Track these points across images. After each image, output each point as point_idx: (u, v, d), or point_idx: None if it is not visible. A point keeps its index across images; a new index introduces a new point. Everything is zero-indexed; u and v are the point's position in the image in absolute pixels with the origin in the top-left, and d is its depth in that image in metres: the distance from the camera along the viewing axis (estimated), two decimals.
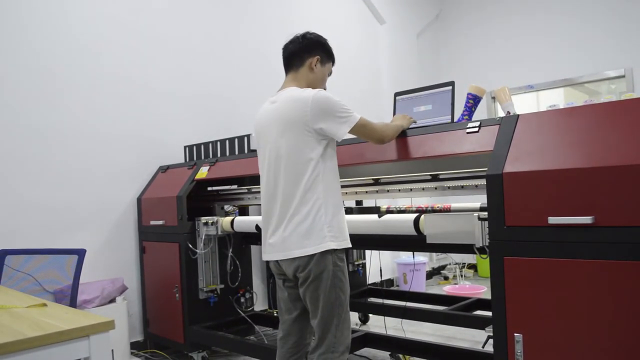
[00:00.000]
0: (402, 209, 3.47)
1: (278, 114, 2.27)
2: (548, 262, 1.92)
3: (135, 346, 3.90)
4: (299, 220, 2.17)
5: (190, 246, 3.55)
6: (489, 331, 2.16)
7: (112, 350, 3.33)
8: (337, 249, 2.19)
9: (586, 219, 1.81)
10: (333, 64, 2.46)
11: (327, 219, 2.17)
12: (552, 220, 1.89)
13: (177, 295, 3.59)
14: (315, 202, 2.17)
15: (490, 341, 2.13)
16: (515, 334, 2.00)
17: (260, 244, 4.09)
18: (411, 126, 2.62)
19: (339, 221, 2.23)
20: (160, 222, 3.73)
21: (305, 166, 2.18)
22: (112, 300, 3.54)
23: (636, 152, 1.76)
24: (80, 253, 2.72)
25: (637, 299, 1.74)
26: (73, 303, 2.65)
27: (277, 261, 2.29)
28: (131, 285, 3.91)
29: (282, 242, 2.21)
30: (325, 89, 2.32)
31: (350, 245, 2.28)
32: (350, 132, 2.24)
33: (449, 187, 2.54)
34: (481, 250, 2.25)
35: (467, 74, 6.56)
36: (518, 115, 2.20)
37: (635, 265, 1.74)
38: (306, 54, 2.35)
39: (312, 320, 2.25)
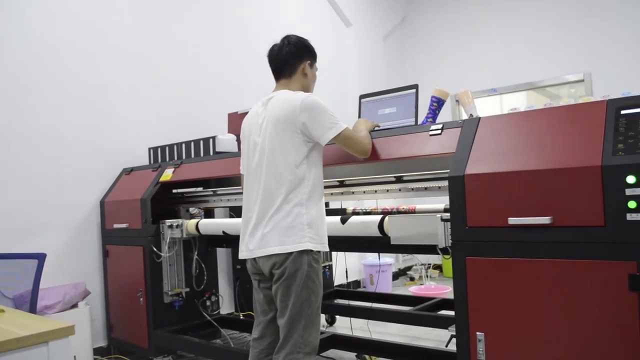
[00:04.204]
0: (367, 210, 3.50)
1: (269, 115, 2.31)
2: (508, 262, 1.96)
3: (98, 352, 3.83)
4: (280, 217, 2.20)
5: (155, 249, 3.51)
6: (452, 330, 2.20)
7: (75, 357, 3.28)
8: (313, 250, 2.22)
9: (544, 219, 1.86)
10: (316, 61, 2.51)
11: (308, 219, 2.21)
12: (512, 220, 1.94)
13: (141, 299, 3.54)
14: (298, 202, 2.21)
15: (454, 340, 2.16)
16: (477, 333, 2.03)
17: (226, 247, 4.12)
18: (375, 129, 2.65)
19: (319, 225, 2.27)
20: (123, 226, 3.68)
21: (290, 166, 2.22)
22: (74, 306, 3.47)
23: (591, 154, 1.81)
24: (40, 257, 2.66)
25: (594, 296, 1.79)
26: (33, 309, 2.59)
27: (254, 259, 2.30)
28: (94, 290, 3.84)
29: (261, 239, 2.24)
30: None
31: (327, 250, 2.32)
32: (336, 140, 2.29)
33: (412, 189, 2.57)
34: (444, 251, 2.28)
35: (431, 77, 6.65)
36: (479, 118, 2.24)
37: (592, 264, 1.79)
38: (297, 60, 2.39)
39: (280, 320, 2.26)
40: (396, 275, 6.57)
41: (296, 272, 2.18)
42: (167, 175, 3.60)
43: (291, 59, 2.38)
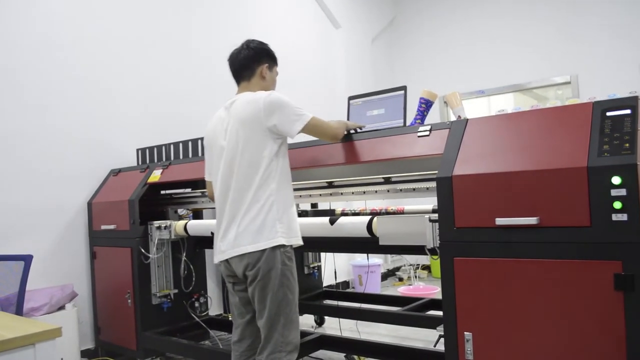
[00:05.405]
0: (356, 211, 3.51)
1: (233, 118, 2.33)
2: (496, 262, 1.98)
3: (86, 354, 3.81)
4: (251, 217, 2.22)
5: (143, 251, 3.49)
6: (440, 330, 2.21)
7: (62, 359, 3.25)
8: (286, 245, 2.24)
9: (531, 220, 1.88)
10: (277, 65, 2.55)
11: (278, 215, 2.23)
12: (500, 221, 1.95)
13: (129, 301, 3.52)
14: (267, 199, 2.22)
15: (442, 340, 2.17)
16: (465, 333, 2.04)
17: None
18: (362, 130, 2.65)
19: (289, 218, 2.28)
20: (111, 227, 3.65)
21: (258, 164, 2.24)
22: (62, 308, 3.45)
23: (578, 155, 1.83)
24: (27, 259, 2.64)
25: (580, 296, 1.81)
26: (19, 311, 2.56)
27: (227, 261, 2.31)
28: (81, 292, 3.81)
29: (234, 240, 2.25)
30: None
31: (301, 243, 2.33)
32: (304, 131, 2.31)
33: (401, 190, 2.58)
34: (432, 252, 2.30)
35: (420, 78, 6.68)
36: (467, 119, 2.25)
37: (578, 264, 1.81)
38: (255, 63, 2.44)
39: (259, 321, 2.28)
40: (385, 276, 6.58)
41: (270, 272, 2.19)
42: (156, 176, 3.58)
43: (248, 62, 2.42)
